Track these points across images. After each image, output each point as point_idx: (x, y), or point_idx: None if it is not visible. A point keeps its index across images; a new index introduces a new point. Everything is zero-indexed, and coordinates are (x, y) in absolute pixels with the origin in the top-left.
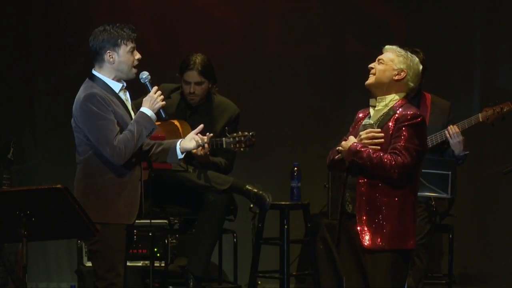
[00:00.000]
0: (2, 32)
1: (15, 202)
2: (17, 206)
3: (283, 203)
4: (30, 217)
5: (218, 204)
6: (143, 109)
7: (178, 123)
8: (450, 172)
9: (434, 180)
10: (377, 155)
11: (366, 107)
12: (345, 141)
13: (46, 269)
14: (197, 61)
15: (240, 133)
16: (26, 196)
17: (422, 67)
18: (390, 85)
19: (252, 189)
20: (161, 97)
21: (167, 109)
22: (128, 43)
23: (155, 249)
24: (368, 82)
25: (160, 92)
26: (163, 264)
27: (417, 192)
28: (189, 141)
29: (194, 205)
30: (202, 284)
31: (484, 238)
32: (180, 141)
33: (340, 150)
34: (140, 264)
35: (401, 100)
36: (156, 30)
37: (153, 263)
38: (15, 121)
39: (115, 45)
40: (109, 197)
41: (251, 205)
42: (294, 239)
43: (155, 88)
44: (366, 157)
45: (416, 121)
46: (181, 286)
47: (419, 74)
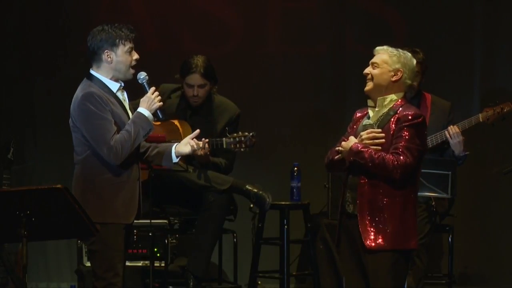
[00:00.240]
0: (2, 32)
1: (15, 202)
2: (17, 206)
3: (283, 203)
4: (30, 217)
5: (218, 204)
6: (141, 110)
7: (179, 123)
8: (450, 172)
9: (434, 180)
10: (379, 156)
11: (365, 107)
12: (346, 142)
13: (46, 269)
14: (199, 64)
15: (241, 133)
16: (26, 196)
17: (423, 67)
18: (389, 87)
19: (252, 189)
20: (159, 98)
21: (167, 109)
22: (126, 43)
23: (155, 249)
24: (368, 89)
25: (158, 93)
26: (163, 264)
27: (418, 192)
28: (185, 146)
29: (194, 205)
30: (202, 284)
31: (484, 238)
32: (176, 145)
33: (340, 151)
34: (140, 264)
35: (401, 100)
36: (156, 30)
37: (153, 263)
38: (15, 121)
39: (113, 45)
40: (107, 197)
41: (251, 205)
42: (294, 239)
43: (153, 89)
44: (368, 158)
45: (418, 121)
46: (181, 286)
47: (415, 69)
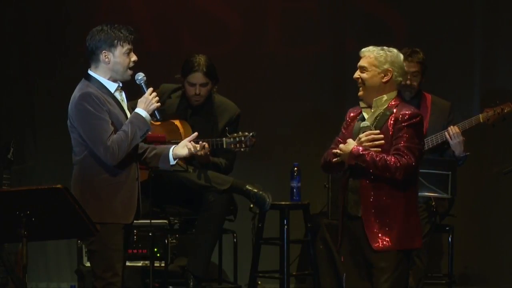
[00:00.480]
0: (3, 32)
1: (15, 202)
2: (17, 206)
3: (283, 203)
4: (30, 217)
5: (218, 204)
6: (138, 110)
7: (179, 123)
8: (450, 172)
9: (434, 180)
10: (381, 158)
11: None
12: (345, 145)
13: (46, 269)
14: (201, 63)
15: (241, 133)
16: (26, 196)
17: (423, 67)
18: (380, 88)
19: (252, 189)
20: (156, 99)
21: (168, 109)
22: (125, 45)
23: (155, 249)
24: (361, 94)
25: (155, 94)
26: (163, 264)
27: (418, 191)
28: (182, 148)
29: (194, 205)
30: (202, 284)
31: (484, 238)
32: (173, 148)
33: (339, 154)
34: (140, 264)
35: (395, 99)
36: (156, 30)
37: (153, 263)
38: (15, 121)
39: (111, 46)
40: (106, 197)
41: (251, 205)
42: (294, 239)
43: (150, 89)
44: (370, 160)
45: (416, 121)
46: (181, 286)
47: (403, 65)
